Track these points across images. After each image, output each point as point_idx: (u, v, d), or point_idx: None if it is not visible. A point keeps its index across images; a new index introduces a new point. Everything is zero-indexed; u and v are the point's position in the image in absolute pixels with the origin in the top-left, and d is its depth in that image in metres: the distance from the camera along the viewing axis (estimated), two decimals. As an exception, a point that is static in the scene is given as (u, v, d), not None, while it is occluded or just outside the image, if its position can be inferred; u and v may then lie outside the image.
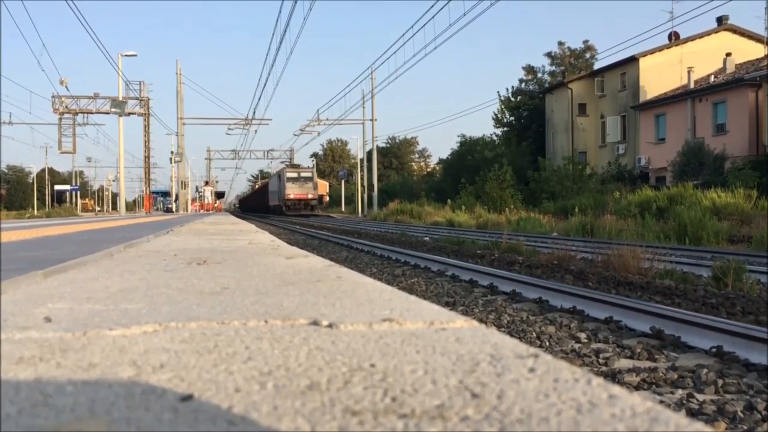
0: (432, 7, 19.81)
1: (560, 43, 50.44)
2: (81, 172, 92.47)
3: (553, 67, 49.76)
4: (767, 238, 10.80)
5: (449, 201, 33.33)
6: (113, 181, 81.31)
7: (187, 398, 0.93)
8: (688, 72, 32.44)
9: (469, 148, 44.57)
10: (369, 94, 43.87)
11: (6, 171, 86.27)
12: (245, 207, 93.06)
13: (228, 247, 4.60)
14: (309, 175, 51.07)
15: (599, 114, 38.81)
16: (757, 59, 32.15)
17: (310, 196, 49.86)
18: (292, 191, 48.97)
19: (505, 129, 47.98)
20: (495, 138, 47.94)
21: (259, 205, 67.55)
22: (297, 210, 48.32)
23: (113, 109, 40.26)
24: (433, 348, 1.24)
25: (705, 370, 3.25)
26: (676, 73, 34.32)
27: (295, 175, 50.27)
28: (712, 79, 32.24)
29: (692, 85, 32.04)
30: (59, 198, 72.52)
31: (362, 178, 51.46)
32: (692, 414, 2.67)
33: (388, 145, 76.61)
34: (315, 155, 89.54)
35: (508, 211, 24.71)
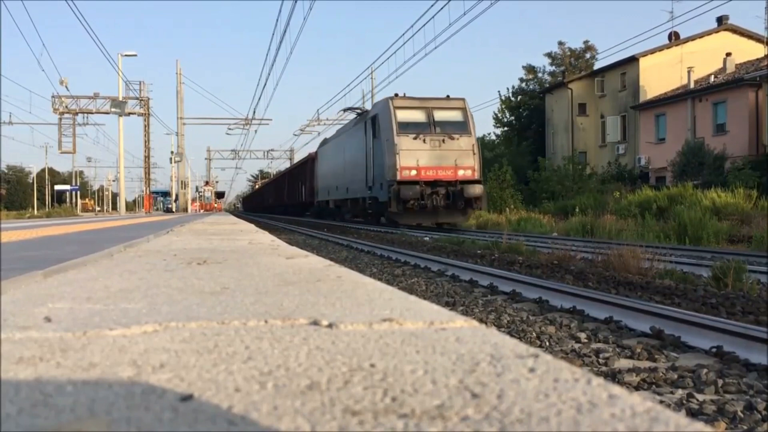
0: (432, 6, 19.75)
1: (560, 43, 50.44)
2: (81, 172, 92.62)
3: (553, 67, 49.76)
4: (767, 238, 10.80)
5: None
6: (113, 181, 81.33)
7: (187, 398, 0.93)
8: (688, 72, 32.43)
9: (469, 147, 44.38)
10: (369, 93, 43.73)
11: (6, 171, 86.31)
12: (252, 206, 78.04)
13: (228, 247, 4.60)
14: (459, 117, 19.73)
15: (599, 114, 38.80)
16: (757, 59, 32.15)
17: (463, 172, 19.03)
18: (413, 160, 18.80)
19: (505, 129, 47.94)
20: (495, 138, 47.90)
21: (287, 201, 44.25)
22: (429, 215, 19.20)
23: (113, 109, 40.29)
24: (433, 348, 1.24)
25: (705, 370, 3.25)
26: (676, 73, 34.32)
27: (421, 116, 19.52)
28: (712, 79, 32.24)
29: (692, 85, 32.03)
30: (59, 198, 72.57)
31: (363, 178, 49.63)
32: (692, 414, 2.67)
33: (388, 145, 76.36)
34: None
35: (508, 211, 24.70)
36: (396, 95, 20.36)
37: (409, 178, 18.70)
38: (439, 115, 19.69)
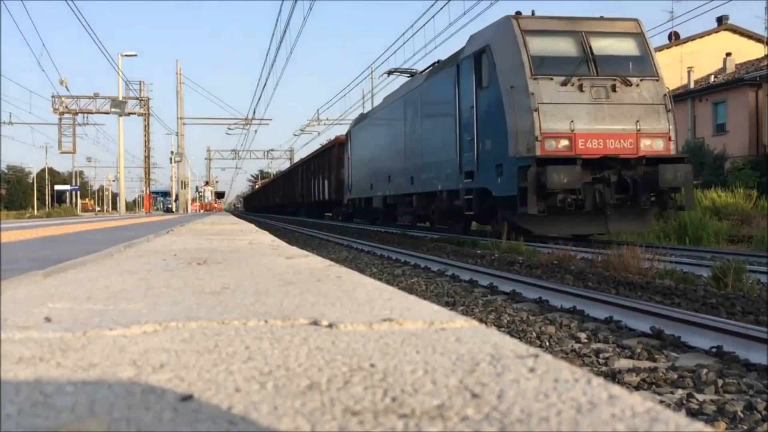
0: (432, 6, 19.74)
1: (560, 43, 50.37)
2: (81, 172, 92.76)
3: (553, 67, 49.70)
4: (767, 238, 10.80)
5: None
6: (113, 181, 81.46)
7: (187, 398, 0.93)
8: (688, 72, 32.43)
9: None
10: (369, 93, 43.77)
11: (6, 171, 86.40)
12: (254, 205, 73.36)
13: (228, 247, 4.60)
14: (634, 48, 11.51)
15: (599, 114, 38.75)
16: (757, 59, 32.14)
17: (650, 142, 10.96)
18: (564, 121, 10.52)
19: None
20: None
21: (300, 200, 37.20)
22: (591, 219, 10.96)
23: (113, 109, 40.34)
24: (433, 348, 1.24)
25: (705, 370, 3.25)
26: (676, 73, 34.30)
27: (569, 47, 11.20)
28: (712, 79, 32.23)
29: (692, 85, 32.02)
30: (59, 198, 72.59)
31: (364, 178, 48.37)
32: (692, 414, 2.67)
33: (388, 145, 76.23)
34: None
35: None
36: (518, 13, 11.60)
37: (558, 152, 10.54)
38: (601, 46, 11.28)
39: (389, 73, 21.12)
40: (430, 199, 15.52)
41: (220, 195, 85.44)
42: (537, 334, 4.37)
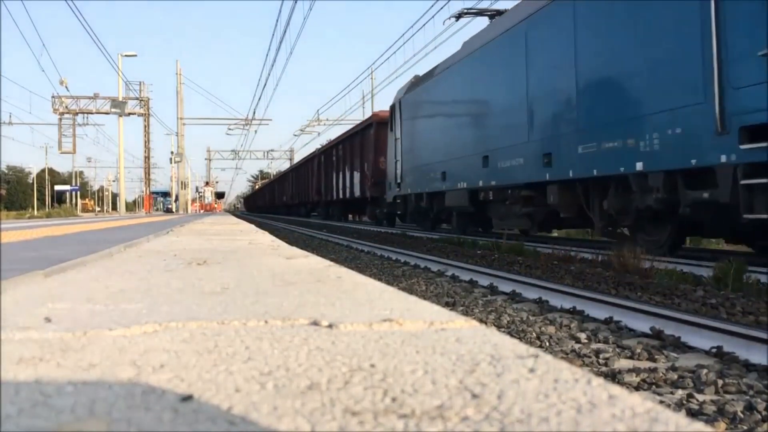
0: (432, 6, 19.73)
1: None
2: (81, 173, 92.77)
3: (553, 68, 49.65)
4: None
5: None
6: (113, 181, 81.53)
7: (187, 399, 0.93)
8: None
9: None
10: (369, 94, 43.76)
11: (6, 171, 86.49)
12: (258, 205, 68.97)
13: (228, 248, 4.60)
14: None
15: (599, 114, 38.50)
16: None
17: None
18: None
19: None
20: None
21: (316, 198, 31.48)
22: None
23: (113, 110, 40.39)
24: (433, 348, 1.24)
25: (705, 371, 3.25)
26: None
27: None
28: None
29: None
30: (59, 198, 72.63)
31: (364, 178, 47.69)
32: (692, 414, 2.67)
33: (388, 145, 76.20)
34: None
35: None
36: None
37: None
38: None
39: (459, 16, 15.12)
40: (592, 191, 9.36)
41: (220, 195, 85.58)
42: (537, 334, 4.37)
